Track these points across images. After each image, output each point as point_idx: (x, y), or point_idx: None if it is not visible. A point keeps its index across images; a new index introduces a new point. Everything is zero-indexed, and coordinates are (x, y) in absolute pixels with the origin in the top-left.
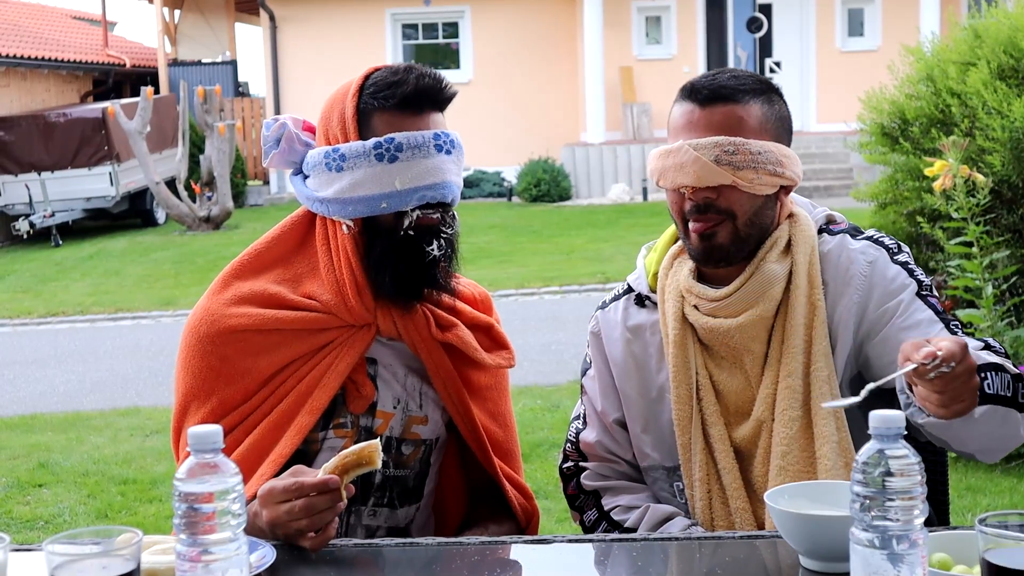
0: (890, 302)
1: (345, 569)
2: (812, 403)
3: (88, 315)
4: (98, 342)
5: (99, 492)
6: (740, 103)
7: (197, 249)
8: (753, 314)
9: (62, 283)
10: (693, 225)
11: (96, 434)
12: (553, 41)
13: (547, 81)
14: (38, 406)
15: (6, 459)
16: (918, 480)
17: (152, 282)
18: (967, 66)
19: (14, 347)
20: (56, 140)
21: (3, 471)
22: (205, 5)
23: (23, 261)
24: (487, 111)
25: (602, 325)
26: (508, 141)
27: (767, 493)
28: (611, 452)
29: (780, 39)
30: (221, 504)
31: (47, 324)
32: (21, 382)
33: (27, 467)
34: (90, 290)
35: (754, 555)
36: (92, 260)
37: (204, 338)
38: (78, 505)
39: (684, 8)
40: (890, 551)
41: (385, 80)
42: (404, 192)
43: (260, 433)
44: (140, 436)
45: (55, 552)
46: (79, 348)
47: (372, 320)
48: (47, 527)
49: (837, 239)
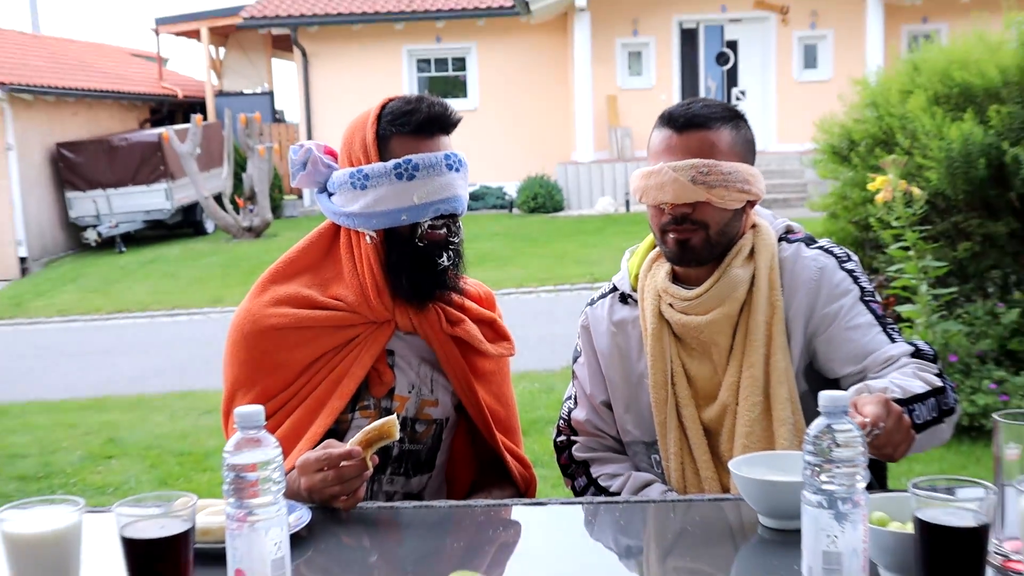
0: (834, 304)
1: (370, 527)
2: (771, 390)
3: (148, 312)
4: (157, 335)
5: (160, 463)
6: (712, 129)
7: (241, 255)
8: (720, 312)
9: (126, 284)
10: (672, 237)
11: (157, 413)
12: (548, 73)
13: (543, 108)
14: (107, 390)
15: (80, 435)
16: (860, 451)
17: (203, 283)
18: (907, 94)
19: (86, 339)
20: (119, 161)
21: (77, 445)
22: (246, 43)
23: (92, 266)
24: (491, 134)
25: (590, 319)
26: (509, 160)
27: (731, 462)
28: (598, 428)
29: (745, 71)
30: (263, 473)
31: (114, 320)
32: (92, 369)
33: (98, 442)
34: (150, 290)
35: (720, 515)
36: (151, 264)
37: (248, 335)
38: (142, 474)
39: (661, 44)
40: (836, 511)
41: (400, 109)
42: (421, 206)
43: (298, 415)
44: (195, 415)
45: (123, 513)
46: (141, 340)
47: (391, 317)
48: (115, 493)
49: (794, 247)
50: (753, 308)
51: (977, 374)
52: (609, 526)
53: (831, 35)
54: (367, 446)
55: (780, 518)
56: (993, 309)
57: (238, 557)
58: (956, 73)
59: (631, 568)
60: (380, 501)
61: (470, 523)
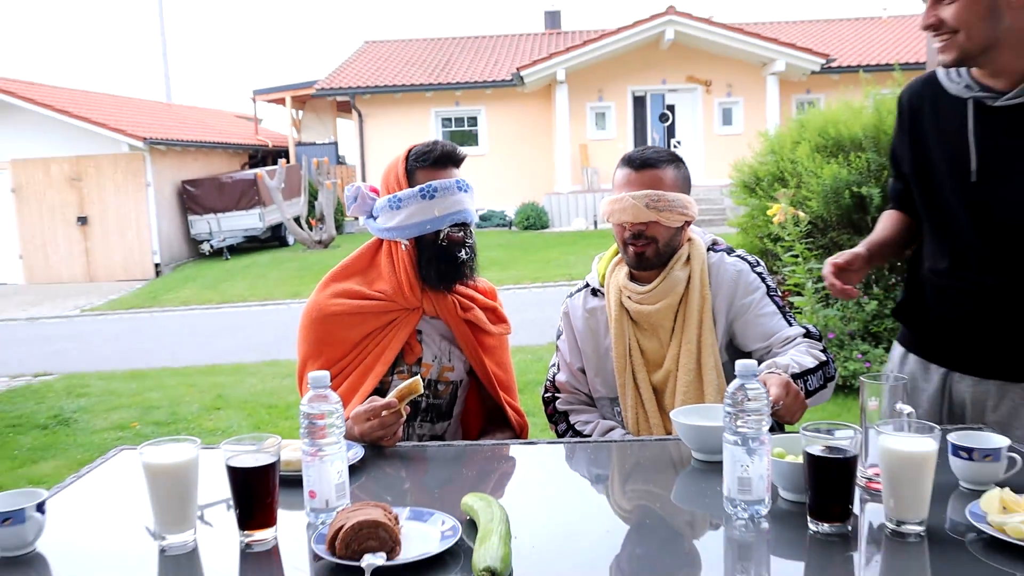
0: (747, 298)
1: (405, 461)
2: (702, 360)
3: (246, 302)
4: (252, 319)
5: (254, 413)
6: (660, 168)
7: (313, 261)
8: (665, 303)
9: (230, 282)
10: (631, 248)
11: (251, 377)
12: (537, 127)
13: (533, 153)
14: (216, 359)
15: (197, 392)
16: (765, 403)
17: (285, 282)
18: (796, 144)
19: (201, 323)
20: (226, 193)
21: (195, 400)
22: (318, 107)
23: (206, 269)
24: (496, 171)
25: (569, 307)
26: (508, 191)
27: (672, 412)
28: (575, 388)
29: (680, 127)
30: (329, 420)
31: (221, 308)
32: (206, 345)
33: (210, 398)
34: (247, 287)
35: (664, 452)
36: (248, 268)
37: (315, 320)
38: (241, 421)
39: (619, 107)
40: (747, 447)
41: (421, 150)
42: (441, 217)
43: (352, 379)
44: (279, 378)
45: (228, 449)
46: (240, 324)
47: (419, 305)
48: (223, 435)
49: (718, 255)
50: (689, 300)
51: (848, 347)
52: (583, 460)
53: (742, 101)
54: (400, 399)
55: (707, 453)
56: (859, 301)
57: (311, 482)
58: (830, 129)
59: (600, 491)
60: (413, 441)
61: (479, 457)
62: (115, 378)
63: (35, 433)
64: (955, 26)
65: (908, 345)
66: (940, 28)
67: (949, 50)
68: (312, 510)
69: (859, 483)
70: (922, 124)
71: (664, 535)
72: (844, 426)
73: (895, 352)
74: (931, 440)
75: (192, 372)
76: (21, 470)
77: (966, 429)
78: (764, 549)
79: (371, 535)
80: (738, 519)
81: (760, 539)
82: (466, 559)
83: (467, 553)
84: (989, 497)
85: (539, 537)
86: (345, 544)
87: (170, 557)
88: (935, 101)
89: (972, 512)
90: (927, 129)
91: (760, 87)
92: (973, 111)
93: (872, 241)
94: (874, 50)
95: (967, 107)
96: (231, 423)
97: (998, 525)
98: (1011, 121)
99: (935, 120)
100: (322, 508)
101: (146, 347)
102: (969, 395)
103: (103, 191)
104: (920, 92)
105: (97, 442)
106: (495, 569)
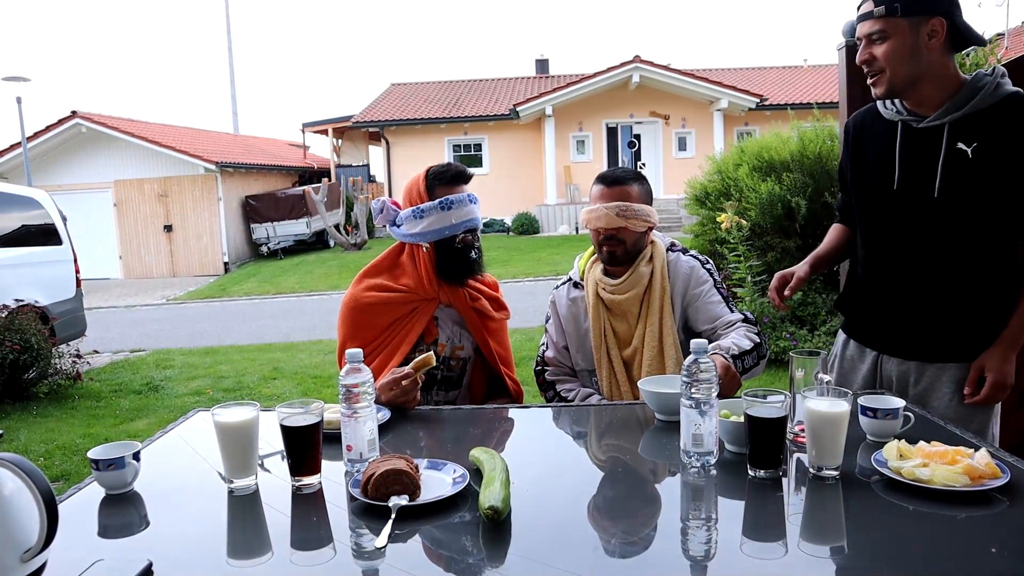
0: (698, 288)
1: (424, 422)
2: (663, 339)
3: (296, 293)
4: (302, 307)
5: (303, 383)
6: (627, 184)
7: (350, 260)
8: (632, 293)
9: (284, 277)
10: (604, 249)
11: (301, 354)
12: (529, 152)
13: (527, 173)
14: (272, 339)
15: (257, 366)
16: (714, 375)
17: (328, 276)
18: (737, 166)
19: (259, 311)
20: (280, 205)
21: (256, 371)
22: (354, 136)
23: (264, 266)
24: (497, 187)
25: (556, 297)
26: (507, 203)
27: (639, 381)
28: (561, 362)
29: (646, 152)
30: (362, 389)
31: (276, 298)
32: (263, 328)
33: (267, 370)
34: (297, 281)
35: (632, 413)
36: (298, 266)
37: (352, 309)
38: (292, 388)
39: (595, 136)
40: (700, 410)
41: (439, 170)
42: (456, 224)
43: (383, 356)
44: (322, 355)
45: (282, 411)
46: (291, 310)
47: (436, 296)
48: (277, 399)
49: (675, 254)
50: (652, 291)
51: (779, 329)
52: (567, 420)
53: (694, 132)
54: (416, 370)
55: (667, 414)
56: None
57: (347, 438)
58: (764, 154)
59: (580, 445)
60: (431, 406)
61: (484, 419)
62: (193, 354)
63: (132, 397)
64: (883, 65)
65: (848, 332)
66: (872, 64)
67: (879, 85)
68: (349, 460)
69: (788, 438)
70: (862, 143)
71: (632, 480)
72: (776, 392)
73: (839, 338)
74: (845, 403)
75: (253, 349)
76: (121, 426)
77: (872, 393)
78: (713, 491)
79: (396, 481)
80: (692, 467)
81: (709, 483)
82: (473, 500)
83: (474, 496)
84: (889, 447)
85: (532, 482)
86: (376, 488)
87: (237, 497)
88: (874, 125)
89: (876, 459)
90: (866, 147)
91: (708, 120)
92: (901, 132)
93: (817, 255)
94: (797, 91)
95: (897, 129)
96: (284, 390)
97: (896, 469)
98: (929, 140)
99: (872, 140)
100: (357, 459)
101: (217, 329)
102: (895, 373)
103: (184, 205)
104: (862, 118)
105: (179, 404)
106: (497, 507)
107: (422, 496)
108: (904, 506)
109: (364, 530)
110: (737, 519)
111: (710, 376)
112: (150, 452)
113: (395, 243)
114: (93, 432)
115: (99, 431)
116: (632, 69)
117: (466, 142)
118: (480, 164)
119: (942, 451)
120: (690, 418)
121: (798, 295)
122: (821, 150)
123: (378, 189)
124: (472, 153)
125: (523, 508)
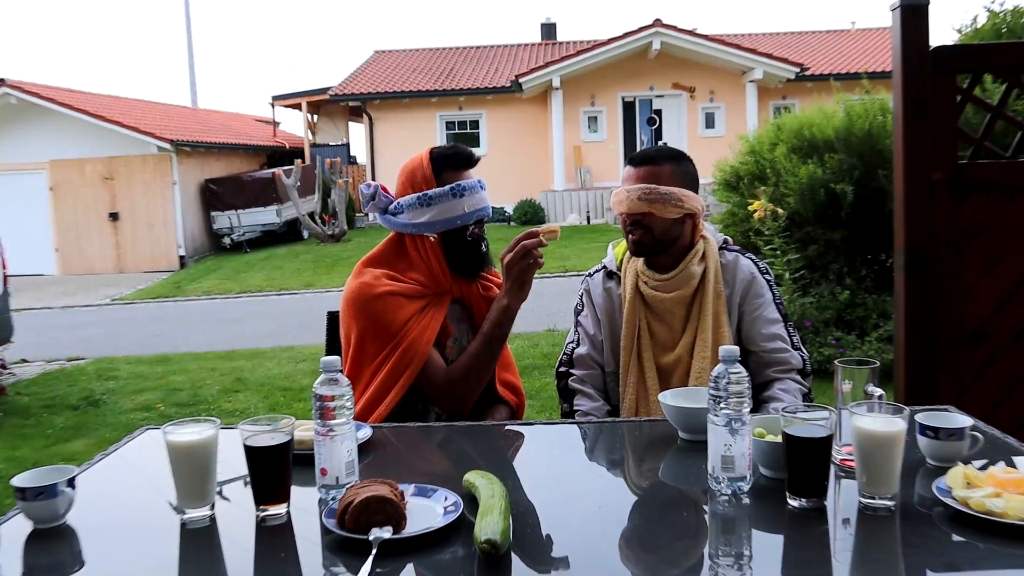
0: (758, 299)
1: (411, 440)
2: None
3: (263, 292)
4: (269, 308)
5: (270, 395)
6: (657, 164)
7: (326, 254)
8: (679, 293)
9: (249, 273)
10: (629, 235)
11: (268, 362)
12: (534, 130)
13: (530, 154)
14: (235, 345)
15: (218, 375)
16: (747, 387)
17: (300, 273)
18: (774, 145)
19: (221, 311)
20: (246, 191)
21: (215, 383)
22: (332, 111)
23: (226, 261)
24: (496, 171)
25: (590, 285)
26: (508, 189)
27: (660, 395)
28: (594, 360)
29: (667, 130)
30: (338, 403)
31: (240, 298)
32: (227, 331)
33: (229, 381)
34: (265, 278)
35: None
36: (266, 260)
37: (369, 300)
38: (258, 403)
39: (610, 112)
40: (730, 428)
41: (446, 152)
42: (469, 213)
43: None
44: (293, 363)
45: (245, 429)
46: (258, 312)
47: (449, 290)
48: (240, 415)
49: (733, 255)
50: (704, 294)
51: (824, 333)
52: (577, 440)
53: (723, 107)
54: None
55: (693, 433)
56: (833, 290)
57: (322, 459)
58: (805, 132)
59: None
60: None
61: (480, 438)
62: (141, 362)
63: (67, 413)
64: None
65: None
66: None
67: None
68: (323, 486)
69: (834, 461)
70: None
71: (652, 511)
72: (820, 408)
73: None
74: (900, 420)
75: (213, 357)
76: (54, 448)
77: (933, 410)
78: (746, 523)
79: (378, 510)
80: (721, 495)
81: (742, 514)
82: (467, 533)
83: (469, 527)
84: (954, 473)
85: (536, 512)
86: (354, 518)
87: (190, 530)
88: None
89: (938, 487)
90: None
91: (740, 93)
92: None
93: None
94: (844, 60)
95: None
96: (248, 405)
97: (962, 499)
98: None
99: None
100: (332, 484)
101: (171, 334)
102: None
103: (133, 189)
104: None
105: (124, 422)
106: (495, 541)
107: (408, 528)
108: (974, 544)
109: (340, 567)
110: (775, 557)
111: (742, 389)
112: (88, 478)
113: (390, 235)
114: (19, 455)
115: (27, 454)
116: (652, 35)
117: (461, 119)
118: (477, 144)
119: (1019, 479)
120: (719, 437)
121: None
122: (872, 127)
123: (359, 172)
124: (468, 131)
125: (525, 542)
